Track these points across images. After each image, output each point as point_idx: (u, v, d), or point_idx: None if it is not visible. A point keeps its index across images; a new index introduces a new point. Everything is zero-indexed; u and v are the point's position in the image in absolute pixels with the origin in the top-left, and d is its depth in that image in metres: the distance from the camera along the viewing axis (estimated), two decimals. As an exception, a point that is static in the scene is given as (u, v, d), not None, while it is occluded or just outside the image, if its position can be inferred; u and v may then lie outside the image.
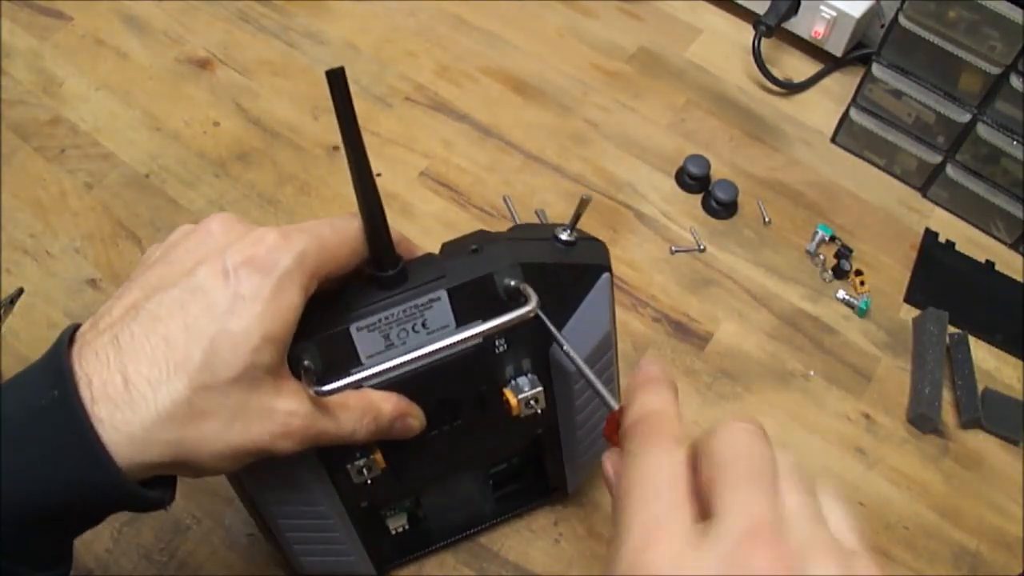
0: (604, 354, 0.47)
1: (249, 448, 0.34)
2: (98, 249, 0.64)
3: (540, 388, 0.44)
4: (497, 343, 0.42)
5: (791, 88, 0.79)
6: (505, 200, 0.46)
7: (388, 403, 0.39)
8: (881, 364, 0.64)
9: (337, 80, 0.34)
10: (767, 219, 0.71)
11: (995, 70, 0.64)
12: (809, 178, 0.74)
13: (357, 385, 0.36)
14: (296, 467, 0.42)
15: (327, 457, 0.42)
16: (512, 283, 0.40)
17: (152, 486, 0.34)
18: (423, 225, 0.68)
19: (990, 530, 0.58)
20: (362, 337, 0.38)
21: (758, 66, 0.77)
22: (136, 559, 0.53)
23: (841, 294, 0.67)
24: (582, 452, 0.52)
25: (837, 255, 0.69)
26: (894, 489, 0.59)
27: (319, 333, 0.37)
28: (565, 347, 0.40)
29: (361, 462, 0.42)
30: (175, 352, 0.32)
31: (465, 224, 0.68)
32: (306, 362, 0.37)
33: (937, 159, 0.71)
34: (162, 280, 0.34)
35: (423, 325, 0.39)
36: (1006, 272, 0.70)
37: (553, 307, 0.41)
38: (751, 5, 0.81)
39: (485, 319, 0.38)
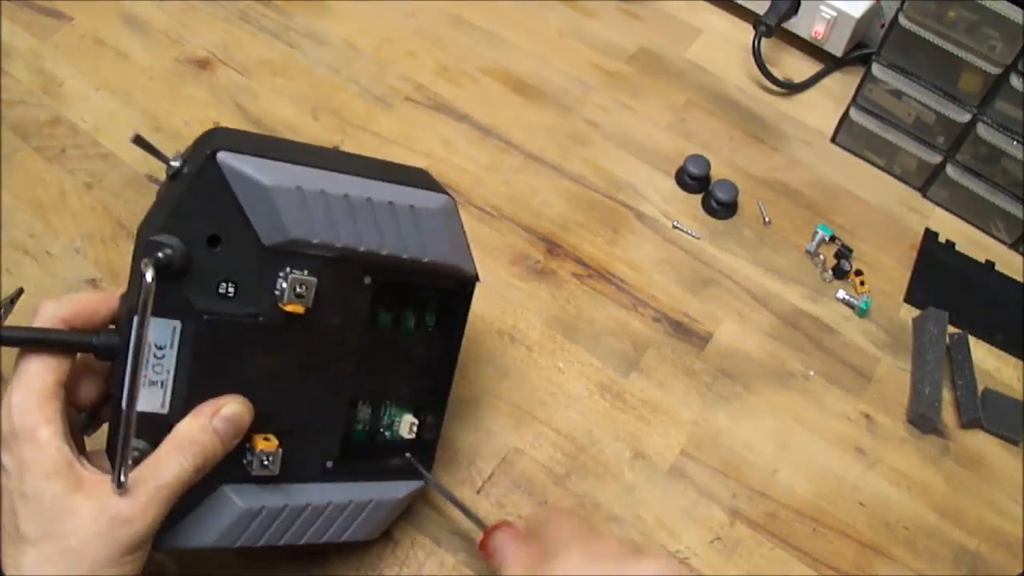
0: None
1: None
2: (98, 249, 0.64)
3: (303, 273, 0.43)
4: (226, 286, 0.41)
5: (791, 88, 0.79)
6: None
7: (194, 419, 0.41)
8: (881, 364, 0.64)
9: None
10: (767, 219, 0.71)
11: (995, 70, 0.64)
12: (809, 178, 0.74)
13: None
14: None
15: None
16: (164, 254, 0.39)
17: None
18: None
19: (990, 530, 0.58)
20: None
21: (758, 66, 0.77)
22: (136, 559, 0.53)
23: (841, 294, 0.67)
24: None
25: (837, 255, 0.69)
26: (894, 489, 0.59)
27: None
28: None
29: (249, 458, 0.43)
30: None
31: (465, 224, 0.68)
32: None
33: (937, 159, 0.71)
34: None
35: (157, 347, 0.41)
36: (1006, 272, 0.70)
37: (217, 217, 0.41)
38: (751, 5, 0.81)
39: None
